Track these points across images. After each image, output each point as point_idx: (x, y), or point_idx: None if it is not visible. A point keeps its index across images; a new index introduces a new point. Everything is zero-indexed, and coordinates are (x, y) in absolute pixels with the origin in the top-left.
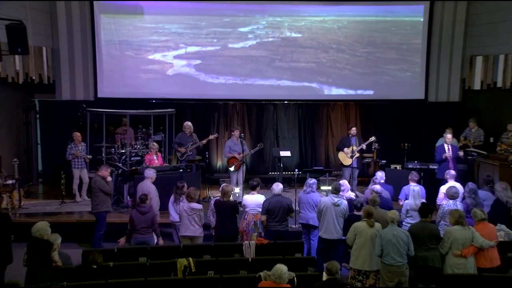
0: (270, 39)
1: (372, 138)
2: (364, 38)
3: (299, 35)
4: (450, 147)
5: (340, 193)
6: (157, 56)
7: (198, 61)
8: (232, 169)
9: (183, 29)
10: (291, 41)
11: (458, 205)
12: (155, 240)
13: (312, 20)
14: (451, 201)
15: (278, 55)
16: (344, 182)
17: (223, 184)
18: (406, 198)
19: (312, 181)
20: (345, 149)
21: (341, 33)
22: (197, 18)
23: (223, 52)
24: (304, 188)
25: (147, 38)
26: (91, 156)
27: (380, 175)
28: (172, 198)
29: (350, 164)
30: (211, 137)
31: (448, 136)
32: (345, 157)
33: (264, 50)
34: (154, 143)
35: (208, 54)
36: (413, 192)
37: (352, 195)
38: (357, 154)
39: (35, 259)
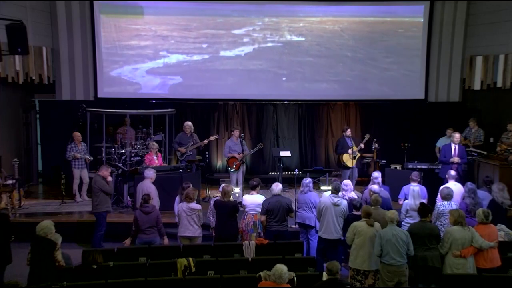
0: (270, 44)
1: (367, 136)
2: (364, 38)
3: (301, 38)
4: (457, 147)
5: (344, 192)
6: (125, 71)
7: (177, 79)
8: (232, 170)
9: (170, 32)
10: (294, 46)
11: (453, 206)
12: (160, 240)
13: (311, 20)
14: (445, 202)
15: (283, 68)
16: (348, 182)
17: (224, 184)
18: (406, 198)
19: (307, 180)
20: (349, 150)
21: (348, 36)
22: (189, 18)
23: (212, 64)
24: (301, 188)
25: (124, 42)
26: (92, 158)
27: (376, 175)
28: (177, 199)
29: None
30: (212, 138)
31: (457, 135)
32: (349, 159)
33: (264, 60)
34: (154, 143)
35: (192, 68)
36: (413, 192)
37: (354, 195)
38: (359, 154)
39: (38, 258)
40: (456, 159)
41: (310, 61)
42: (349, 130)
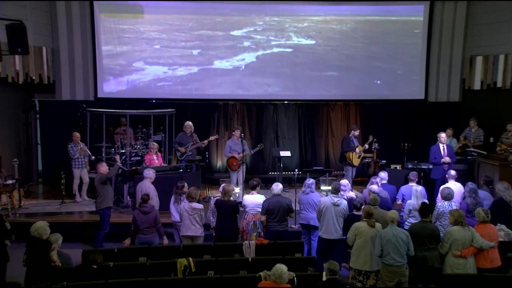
0: (275, 50)
1: (371, 138)
2: (364, 38)
3: (311, 41)
4: (445, 146)
5: (342, 192)
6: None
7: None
8: (233, 170)
9: (159, 33)
10: (306, 52)
11: (453, 205)
12: (159, 240)
13: (314, 20)
14: (446, 202)
15: (300, 90)
16: (346, 182)
17: (224, 184)
18: (403, 198)
19: (310, 181)
20: (357, 149)
21: (362, 38)
22: (185, 18)
23: (200, 87)
24: (303, 189)
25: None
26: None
27: (383, 175)
28: (173, 198)
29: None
30: (212, 138)
31: (442, 135)
32: (355, 157)
33: (273, 76)
34: (154, 143)
35: (171, 90)
36: (416, 192)
37: (353, 194)
38: (363, 154)
39: (34, 259)
40: (447, 159)
41: (332, 74)
42: (358, 131)
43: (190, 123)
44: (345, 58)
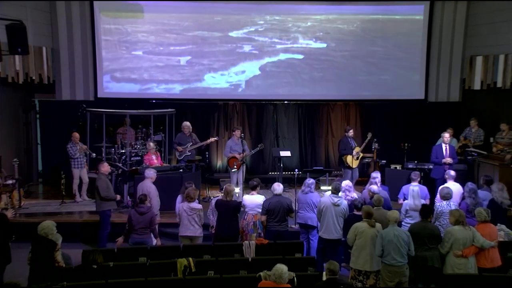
0: (282, 57)
1: (370, 135)
2: (364, 37)
3: (322, 44)
4: (448, 147)
5: (348, 193)
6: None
7: None
8: (233, 170)
9: (148, 35)
10: (321, 60)
11: (452, 205)
12: (153, 241)
13: (317, 19)
14: (444, 202)
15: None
16: (349, 183)
17: (226, 184)
18: (405, 198)
19: (310, 181)
20: (353, 151)
21: (362, 37)
22: (183, 17)
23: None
24: (303, 188)
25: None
26: (94, 155)
27: (375, 175)
28: (179, 198)
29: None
30: (212, 139)
31: (446, 135)
32: (353, 159)
33: (287, 95)
34: (150, 143)
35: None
36: (413, 192)
37: (356, 195)
38: (361, 154)
39: (38, 258)
40: (448, 160)
41: (334, 74)
42: (351, 130)
43: (188, 123)
44: (346, 58)
